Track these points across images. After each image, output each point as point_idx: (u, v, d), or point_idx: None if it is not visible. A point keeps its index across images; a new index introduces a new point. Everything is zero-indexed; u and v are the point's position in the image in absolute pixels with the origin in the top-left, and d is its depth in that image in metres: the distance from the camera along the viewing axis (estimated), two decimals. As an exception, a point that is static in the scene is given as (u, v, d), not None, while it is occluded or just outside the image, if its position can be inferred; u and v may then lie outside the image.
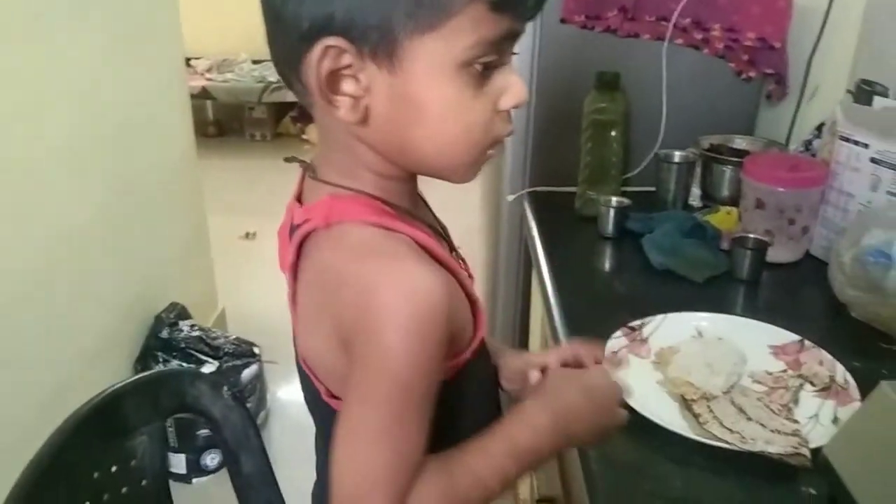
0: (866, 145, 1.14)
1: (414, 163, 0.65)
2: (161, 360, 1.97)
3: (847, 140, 1.18)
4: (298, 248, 0.65)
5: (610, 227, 1.34)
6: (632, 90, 1.49)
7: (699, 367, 0.91)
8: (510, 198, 1.64)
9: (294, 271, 0.66)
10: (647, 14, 1.49)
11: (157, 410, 0.79)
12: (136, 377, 0.78)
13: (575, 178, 1.45)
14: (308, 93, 0.61)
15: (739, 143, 1.49)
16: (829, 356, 0.94)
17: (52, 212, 1.60)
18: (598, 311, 1.12)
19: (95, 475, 0.70)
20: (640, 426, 0.83)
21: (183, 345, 2.01)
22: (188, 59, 4.48)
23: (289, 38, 0.59)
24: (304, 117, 5.14)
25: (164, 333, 2.02)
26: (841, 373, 0.91)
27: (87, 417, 0.69)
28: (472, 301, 0.68)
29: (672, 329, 1.01)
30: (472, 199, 2.28)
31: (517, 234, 1.70)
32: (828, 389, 0.90)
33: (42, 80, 1.56)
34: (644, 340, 1.00)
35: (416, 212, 0.70)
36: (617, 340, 0.98)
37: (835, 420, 0.84)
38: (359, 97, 0.59)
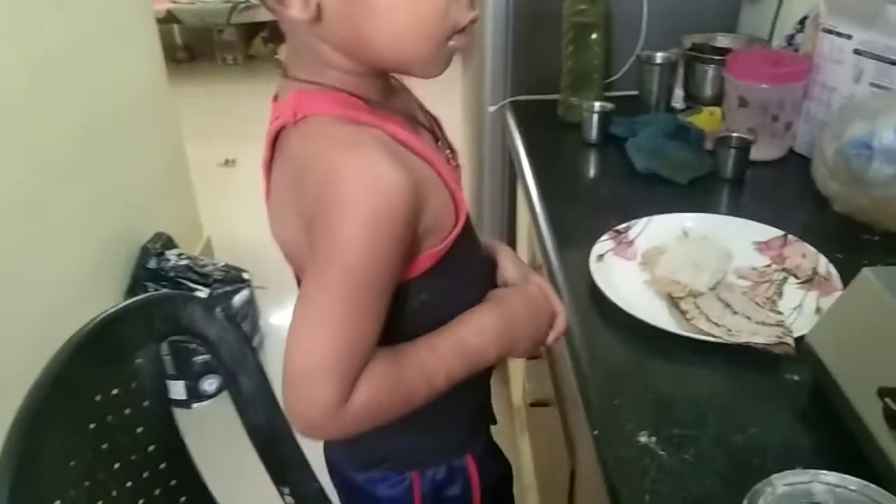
0: (849, 36, 1.13)
1: (373, 58, 0.64)
2: (151, 290, 1.97)
3: (830, 32, 1.16)
4: (272, 145, 0.66)
5: (593, 132, 1.33)
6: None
7: (685, 265, 0.93)
8: (492, 108, 1.62)
9: (268, 169, 0.67)
10: None
11: (151, 333, 0.79)
12: (128, 301, 0.78)
13: (557, 85, 1.43)
14: None
15: (722, 40, 1.47)
16: (812, 249, 0.96)
17: (21, 147, 1.56)
18: (583, 216, 1.13)
19: (97, 398, 0.71)
20: (628, 326, 0.85)
21: (172, 274, 2.01)
22: (150, -19, 4.31)
23: None
24: (276, 37, 4.98)
25: (152, 264, 2.01)
26: (823, 264, 0.93)
27: (83, 342, 0.70)
28: (452, 190, 0.68)
29: (658, 230, 1.02)
30: (454, 112, 2.24)
31: (500, 145, 1.69)
32: (811, 281, 0.92)
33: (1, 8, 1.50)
34: (630, 243, 1.01)
35: (391, 104, 0.69)
36: (603, 244, 0.99)
37: (818, 310, 0.87)
38: None
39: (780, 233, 1.00)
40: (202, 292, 1.98)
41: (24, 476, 0.60)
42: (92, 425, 0.70)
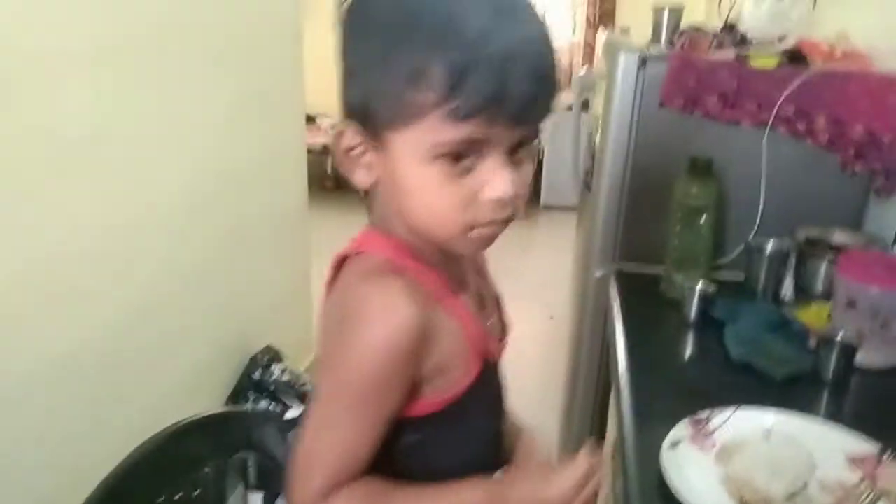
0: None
1: (415, 229, 0.71)
2: (252, 399, 2.06)
3: (953, 244, 1.12)
4: (335, 271, 0.75)
5: (693, 312, 1.31)
6: (729, 177, 1.48)
7: (763, 467, 0.88)
8: (598, 273, 1.64)
9: (329, 291, 0.76)
10: (749, 102, 1.48)
11: (222, 446, 0.84)
12: (205, 414, 0.84)
13: (663, 258, 1.44)
14: None
15: (839, 237, 1.43)
16: (908, 472, 0.88)
17: (165, 252, 1.74)
18: (668, 397, 1.10)
19: (160, 501, 0.76)
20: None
21: (273, 387, 2.11)
22: (313, 117, 4.76)
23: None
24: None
25: (257, 375, 2.12)
26: (919, 491, 0.85)
27: (157, 446, 0.76)
28: (471, 347, 0.74)
29: (741, 424, 0.98)
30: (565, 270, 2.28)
31: (602, 310, 1.69)
32: (903, 507, 0.84)
33: (165, 133, 1.72)
34: (710, 433, 0.97)
35: (442, 262, 0.76)
36: (680, 430, 0.96)
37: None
38: (369, 168, 0.70)
39: (878, 449, 0.93)
40: (296, 409, 2.05)
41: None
42: (150, 527, 0.75)
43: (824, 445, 0.93)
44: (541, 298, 2.78)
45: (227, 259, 2.04)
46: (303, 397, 2.12)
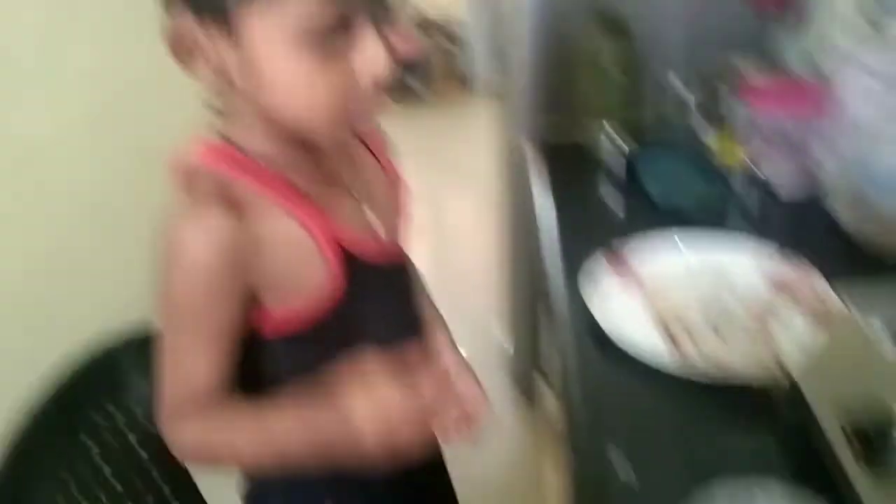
0: (879, 72, 1.10)
1: (278, 124, 0.66)
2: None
3: (857, 65, 1.14)
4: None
5: (614, 163, 1.33)
6: (638, 19, 1.45)
7: (685, 291, 0.92)
8: (512, 142, 1.64)
9: None
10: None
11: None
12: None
13: (581, 114, 1.44)
14: None
15: (749, 70, 1.44)
16: (822, 284, 0.94)
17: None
18: (591, 237, 1.11)
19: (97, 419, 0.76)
20: (619, 353, 0.85)
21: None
22: None
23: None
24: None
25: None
26: (832, 299, 0.91)
27: (98, 363, 0.77)
28: (329, 262, 0.69)
29: (661, 256, 1.01)
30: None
31: (524, 176, 1.70)
32: (815, 316, 0.90)
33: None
34: (630, 265, 1.00)
35: (303, 159, 0.70)
36: (603, 267, 0.99)
37: (808, 345, 0.84)
38: (216, 68, 0.61)
39: (792, 264, 0.98)
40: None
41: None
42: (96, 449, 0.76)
43: (741, 267, 0.98)
44: (479, 186, 2.75)
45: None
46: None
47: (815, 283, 0.94)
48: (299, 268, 0.68)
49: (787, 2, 1.47)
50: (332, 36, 0.58)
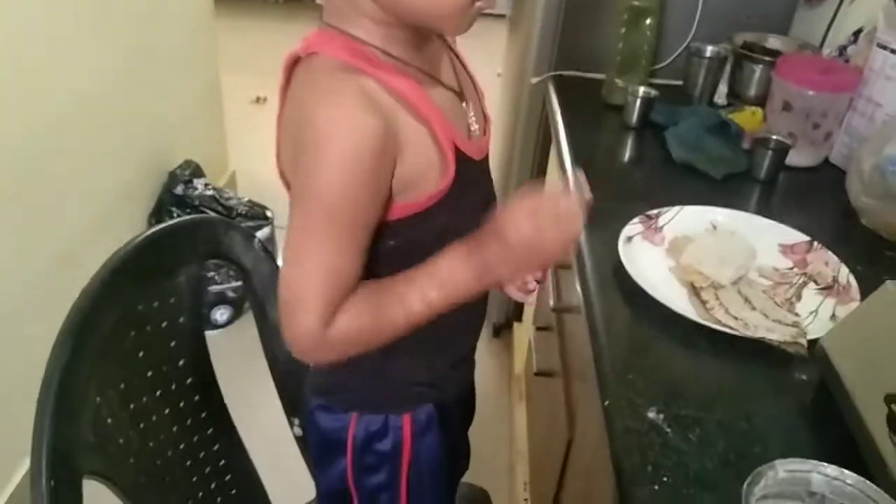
0: (904, 55, 1.13)
1: (403, 10, 0.67)
2: (175, 215, 2.00)
3: (884, 47, 1.16)
4: (288, 74, 0.70)
5: (634, 117, 1.34)
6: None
7: (711, 257, 0.95)
8: (534, 80, 1.63)
9: (282, 96, 0.71)
10: None
11: (194, 254, 0.83)
12: (175, 221, 0.81)
13: (604, 64, 1.44)
14: None
15: (773, 42, 1.46)
16: (834, 258, 0.98)
17: (66, 69, 1.57)
18: (615, 198, 1.14)
19: (140, 307, 0.75)
20: (649, 308, 0.88)
21: (197, 202, 2.04)
22: None
23: None
24: (320, -19, 4.94)
25: (179, 190, 2.05)
26: (844, 274, 0.95)
27: (133, 254, 0.73)
28: (445, 153, 0.71)
29: (687, 220, 1.04)
30: (494, 81, 2.25)
31: (537, 119, 1.70)
32: (830, 289, 0.94)
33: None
34: (659, 229, 1.03)
35: (415, 58, 0.72)
36: (633, 226, 1.01)
37: (833, 317, 0.89)
38: None
39: (806, 238, 1.02)
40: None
41: (72, 369, 0.63)
42: (132, 333, 0.74)
43: (761, 237, 1.01)
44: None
45: (135, 74, 1.88)
46: (228, 211, 2.08)
47: (828, 258, 0.98)
48: (424, 166, 0.70)
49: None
50: None
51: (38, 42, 1.46)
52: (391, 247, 0.73)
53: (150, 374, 0.77)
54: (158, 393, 0.78)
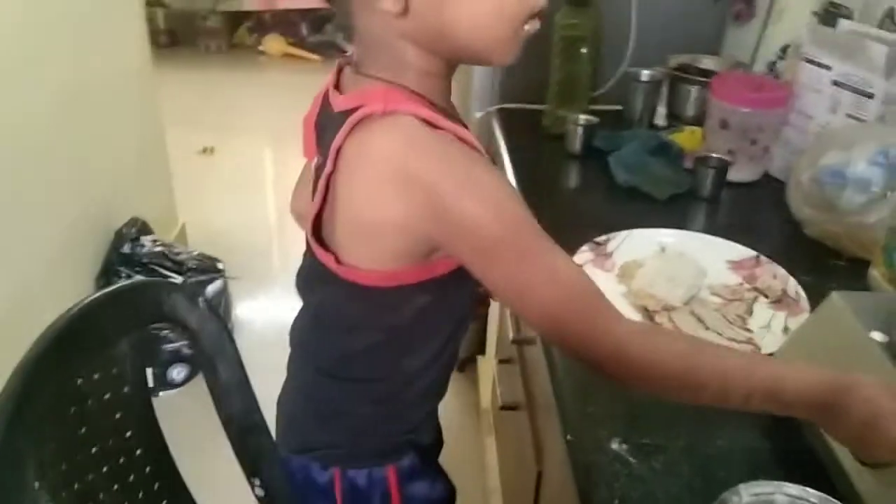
0: (829, 67, 1.17)
1: (453, 47, 0.67)
2: (124, 275, 1.95)
3: (811, 62, 1.20)
4: (349, 130, 0.66)
5: (577, 144, 1.35)
6: (603, 7, 1.48)
7: (661, 279, 0.95)
8: (478, 114, 1.64)
9: (336, 153, 0.68)
10: (621, -73, 1.47)
11: (136, 319, 0.80)
12: (114, 287, 0.78)
13: (544, 95, 1.45)
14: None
15: (707, 62, 1.50)
16: (782, 270, 0.99)
17: None
18: (564, 226, 1.12)
19: (79, 382, 0.71)
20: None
21: (146, 260, 2.00)
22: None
23: None
24: (261, 28, 4.95)
25: (126, 248, 2.00)
26: (793, 286, 0.97)
27: (69, 326, 0.70)
28: None
29: (636, 244, 1.04)
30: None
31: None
32: (780, 302, 0.95)
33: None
34: (609, 255, 1.03)
35: (451, 111, 0.74)
36: (583, 255, 1.02)
37: (785, 329, 0.90)
38: None
39: (753, 253, 1.03)
40: (176, 280, 1.97)
41: (4, 455, 0.60)
42: (72, 409, 0.70)
43: (709, 255, 1.03)
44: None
45: (71, 128, 1.84)
46: (179, 266, 2.04)
47: (776, 271, 1.00)
48: None
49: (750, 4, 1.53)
50: None
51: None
52: (424, 303, 0.73)
53: (94, 450, 0.73)
54: (105, 469, 0.75)
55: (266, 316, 2.42)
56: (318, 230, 0.73)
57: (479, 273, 0.65)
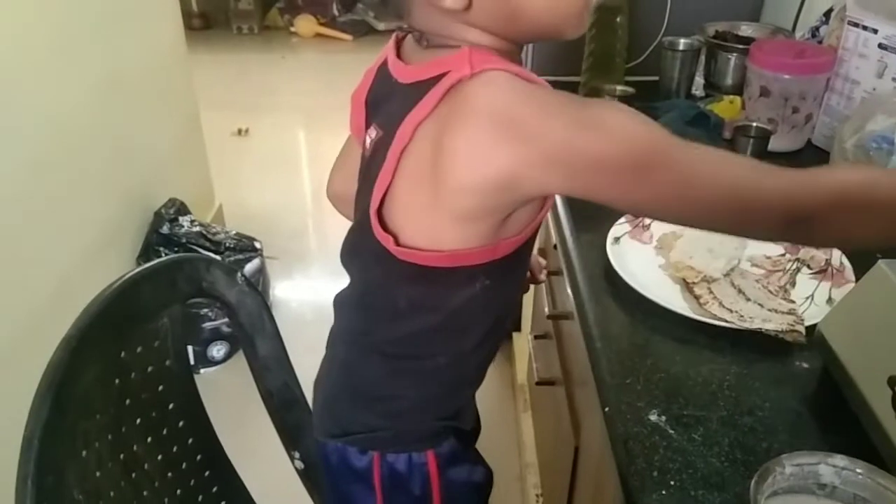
0: (875, 30, 1.13)
1: (526, 27, 0.67)
2: (163, 255, 1.98)
3: (856, 25, 1.16)
4: (440, 97, 0.64)
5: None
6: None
7: (700, 251, 0.94)
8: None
9: (416, 125, 0.65)
10: None
11: (175, 294, 0.81)
12: (154, 263, 0.79)
13: (579, 67, 1.43)
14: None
15: (745, 29, 1.46)
16: (825, 240, 0.97)
17: (39, 106, 1.57)
18: None
19: (122, 354, 0.73)
20: (643, 308, 0.86)
21: (184, 240, 2.03)
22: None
23: None
24: (292, 8, 4.96)
25: (165, 229, 2.03)
26: (837, 256, 0.94)
27: (112, 300, 0.71)
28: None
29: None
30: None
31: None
32: (823, 272, 0.93)
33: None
34: (646, 227, 1.02)
35: None
36: (620, 226, 1.00)
37: (829, 301, 0.88)
38: None
39: (796, 223, 1.01)
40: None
41: (54, 426, 0.62)
42: (117, 381, 0.72)
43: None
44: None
45: (109, 112, 1.87)
46: (217, 246, 2.07)
47: (820, 239, 0.97)
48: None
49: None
50: None
51: (7, 77, 1.45)
52: (483, 287, 0.72)
53: (138, 421, 0.75)
54: (149, 440, 0.77)
55: (303, 296, 2.45)
56: (380, 208, 0.70)
57: (619, 199, 0.63)
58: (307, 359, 0.96)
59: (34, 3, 1.53)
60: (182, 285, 0.82)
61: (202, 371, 2.07)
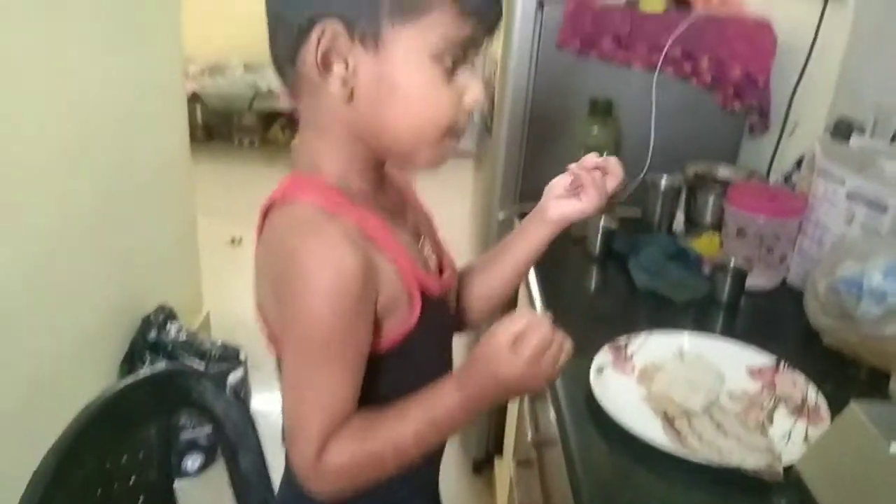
0: (843, 181, 1.20)
1: (386, 142, 0.72)
2: (149, 361, 1.98)
3: (824, 175, 1.24)
4: (263, 218, 0.74)
5: (597, 248, 1.39)
6: (623, 117, 1.55)
7: (681, 384, 0.96)
8: (501, 215, 1.69)
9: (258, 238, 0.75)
10: (640, 44, 1.55)
11: (163, 405, 0.82)
12: (146, 373, 0.81)
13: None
14: (300, 80, 0.70)
15: (723, 172, 1.55)
16: (802, 378, 1.00)
17: (44, 208, 1.61)
18: (584, 328, 1.16)
19: (107, 464, 0.73)
20: (623, 439, 0.87)
21: (170, 347, 2.03)
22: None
23: (289, 32, 0.68)
24: (294, 125, 5.16)
25: (152, 335, 2.03)
26: (813, 395, 0.97)
27: (102, 409, 0.72)
28: (409, 291, 0.74)
29: (655, 347, 1.06)
30: (462, 216, 2.32)
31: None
32: (800, 410, 0.95)
33: (41, 74, 1.58)
34: (629, 358, 1.04)
35: (378, 198, 0.77)
36: (603, 357, 1.03)
37: (806, 439, 0.89)
38: (347, 77, 0.68)
39: (773, 360, 1.04)
40: (199, 368, 1.99)
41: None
42: (99, 490, 0.72)
43: (728, 360, 1.03)
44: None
45: (111, 215, 1.92)
46: (202, 355, 2.06)
47: (796, 379, 1.00)
48: (397, 301, 0.73)
49: (765, 117, 1.60)
50: (455, 57, 0.68)
51: (12, 179, 1.49)
52: (368, 378, 0.74)
53: (115, 534, 0.74)
54: (124, 554, 0.75)
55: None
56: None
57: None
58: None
59: (41, 111, 1.60)
60: (173, 396, 0.83)
61: (176, 482, 2.01)
